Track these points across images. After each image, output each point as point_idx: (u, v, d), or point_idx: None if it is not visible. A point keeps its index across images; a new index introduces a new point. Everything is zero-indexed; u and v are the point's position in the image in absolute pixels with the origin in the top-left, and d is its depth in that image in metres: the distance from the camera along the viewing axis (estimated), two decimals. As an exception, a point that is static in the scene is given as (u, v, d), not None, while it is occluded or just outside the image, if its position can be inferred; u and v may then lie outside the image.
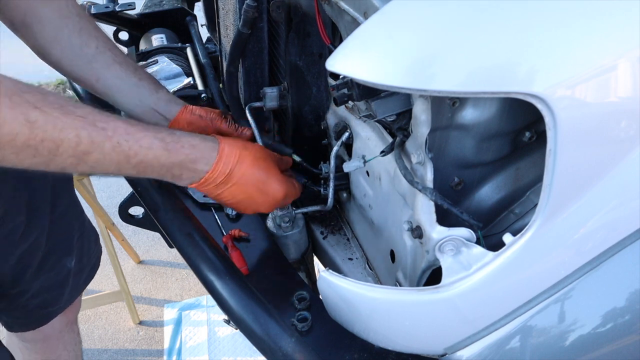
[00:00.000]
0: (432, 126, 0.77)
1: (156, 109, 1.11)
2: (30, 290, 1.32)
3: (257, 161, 0.95)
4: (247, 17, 1.10)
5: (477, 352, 0.80)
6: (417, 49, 0.63)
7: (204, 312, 2.27)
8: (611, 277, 0.75)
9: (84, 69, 1.07)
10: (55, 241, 1.34)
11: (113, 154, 0.81)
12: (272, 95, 1.18)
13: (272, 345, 0.83)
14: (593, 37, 0.62)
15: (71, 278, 1.41)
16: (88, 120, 0.78)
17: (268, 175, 0.96)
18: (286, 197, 0.99)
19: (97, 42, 1.06)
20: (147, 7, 1.79)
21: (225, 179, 0.92)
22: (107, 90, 1.09)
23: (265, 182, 0.96)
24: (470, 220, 0.77)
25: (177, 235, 0.99)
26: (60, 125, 0.75)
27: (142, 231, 2.52)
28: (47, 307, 1.41)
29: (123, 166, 0.83)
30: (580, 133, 0.65)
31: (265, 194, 0.96)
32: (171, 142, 0.87)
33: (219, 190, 0.94)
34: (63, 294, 1.41)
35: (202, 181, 0.92)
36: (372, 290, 0.82)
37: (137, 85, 1.09)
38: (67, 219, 1.37)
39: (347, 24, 0.92)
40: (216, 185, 0.93)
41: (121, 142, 0.81)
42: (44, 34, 1.03)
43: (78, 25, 1.05)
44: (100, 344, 2.21)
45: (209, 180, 0.92)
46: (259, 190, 0.96)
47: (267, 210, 1.00)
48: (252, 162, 0.94)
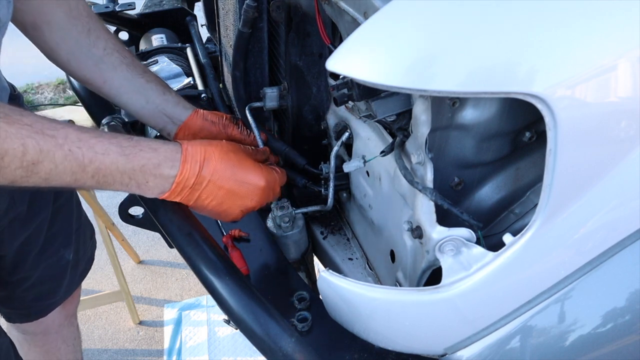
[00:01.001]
0: (432, 126, 0.77)
1: (163, 112, 1.09)
2: (29, 278, 1.34)
3: (226, 154, 0.91)
4: (247, 17, 1.10)
5: (477, 352, 0.80)
6: (417, 49, 0.63)
7: (204, 312, 2.27)
8: (611, 277, 0.75)
9: (92, 70, 1.06)
10: (55, 231, 1.35)
11: (66, 162, 0.76)
12: (272, 95, 1.18)
13: (272, 345, 0.83)
14: (593, 37, 0.62)
15: (69, 270, 1.42)
16: (34, 128, 0.73)
17: (242, 165, 0.92)
18: (269, 183, 0.95)
19: (105, 44, 1.05)
20: (147, 7, 1.79)
21: (197, 179, 0.88)
22: (114, 92, 1.08)
23: (241, 171, 0.91)
24: (471, 220, 0.77)
25: (177, 235, 0.99)
26: (2, 134, 0.70)
27: (142, 231, 2.52)
28: (45, 298, 1.42)
29: (80, 176, 0.78)
30: (580, 133, 0.65)
31: (246, 184, 0.92)
32: (129, 147, 0.83)
33: (196, 194, 0.89)
34: (61, 286, 1.43)
35: (174, 187, 0.87)
36: (372, 290, 0.82)
37: (144, 87, 1.08)
38: (66, 210, 1.39)
39: (347, 24, 0.92)
40: (190, 188, 0.88)
41: (73, 150, 0.77)
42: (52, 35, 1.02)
43: (87, 26, 1.04)
44: (100, 344, 2.21)
45: (180, 184, 0.87)
46: (237, 182, 0.91)
47: (255, 203, 0.95)
48: (220, 156, 0.90)
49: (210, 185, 0.89)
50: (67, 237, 1.40)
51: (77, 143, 0.77)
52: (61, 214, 1.37)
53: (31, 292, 1.37)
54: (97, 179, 0.80)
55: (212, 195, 0.90)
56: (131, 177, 0.83)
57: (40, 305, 1.44)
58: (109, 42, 1.06)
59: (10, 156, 0.71)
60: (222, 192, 0.91)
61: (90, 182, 0.80)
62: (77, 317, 1.64)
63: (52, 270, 1.38)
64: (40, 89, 3.86)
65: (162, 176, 0.86)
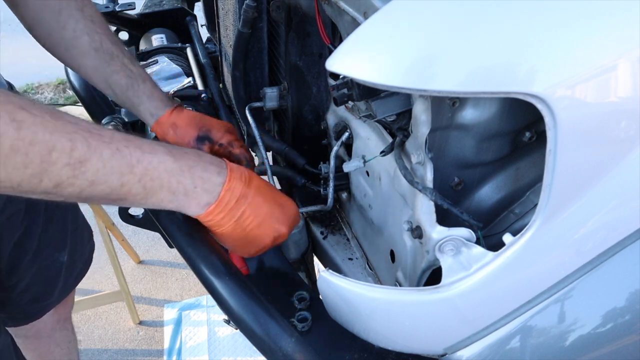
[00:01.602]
0: (432, 126, 0.77)
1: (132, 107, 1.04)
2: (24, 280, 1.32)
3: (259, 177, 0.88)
4: (247, 17, 1.10)
5: (477, 352, 0.80)
6: (417, 49, 0.63)
7: (204, 312, 2.27)
8: (611, 277, 0.75)
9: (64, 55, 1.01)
10: (50, 233, 1.34)
11: (114, 161, 0.71)
12: (272, 95, 1.18)
13: (272, 345, 0.83)
14: (593, 37, 0.62)
15: (63, 272, 1.41)
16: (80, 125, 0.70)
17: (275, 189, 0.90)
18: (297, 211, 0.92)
19: (75, 24, 0.98)
20: (147, 7, 1.79)
21: (243, 190, 0.83)
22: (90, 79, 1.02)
23: (277, 194, 0.89)
24: (470, 220, 0.77)
25: (177, 235, 0.99)
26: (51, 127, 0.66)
27: (142, 231, 2.52)
28: (39, 301, 1.41)
29: (127, 178, 0.73)
30: (580, 133, 0.65)
31: (283, 207, 0.88)
32: (174, 149, 0.79)
33: (240, 210, 0.83)
34: (55, 288, 1.42)
35: (222, 195, 0.81)
36: (372, 290, 0.82)
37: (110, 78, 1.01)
38: (61, 211, 1.37)
39: (347, 24, 0.92)
40: (236, 202, 0.82)
41: (121, 148, 0.72)
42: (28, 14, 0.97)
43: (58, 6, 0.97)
44: (100, 344, 2.21)
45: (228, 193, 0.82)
46: (277, 203, 0.87)
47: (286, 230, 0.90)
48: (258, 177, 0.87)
49: (256, 200, 0.84)
50: (62, 240, 1.39)
51: (124, 142, 0.73)
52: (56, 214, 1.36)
53: (25, 295, 1.36)
54: (144, 183, 0.75)
55: (255, 214, 0.85)
56: (179, 180, 0.78)
57: (33, 308, 1.42)
58: (79, 23, 0.98)
59: (59, 151, 0.66)
60: (264, 211, 0.85)
61: (137, 187, 0.74)
62: (77, 317, 1.64)
63: (47, 272, 1.37)
64: (41, 89, 3.86)
65: (210, 181, 0.80)
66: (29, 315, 1.43)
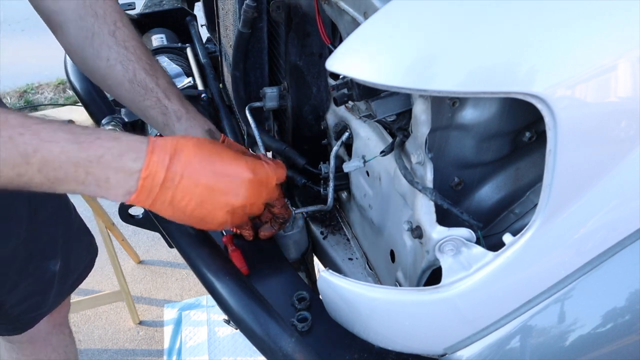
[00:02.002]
0: (432, 126, 0.77)
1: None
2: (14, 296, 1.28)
3: (202, 145, 0.78)
4: (247, 17, 1.10)
5: (477, 352, 0.80)
6: (417, 49, 0.63)
7: (204, 312, 2.27)
8: (611, 277, 0.75)
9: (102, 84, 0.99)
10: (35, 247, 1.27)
11: (6, 152, 0.64)
12: (272, 95, 1.18)
13: (272, 345, 0.83)
14: (593, 37, 0.62)
15: (56, 281, 1.36)
16: None
17: (220, 156, 0.78)
18: (257, 176, 0.81)
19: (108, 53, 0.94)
20: (147, 7, 1.79)
21: (167, 174, 0.73)
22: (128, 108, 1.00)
23: (220, 163, 0.78)
24: (471, 220, 0.77)
25: (177, 235, 0.99)
26: None
27: (142, 231, 2.51)
28: (31, 312, 1.37)
29: (24, 169, 0.66)
30: (580, 133, 0.65)
31: (227, 176, 0.78)
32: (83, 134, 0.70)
33: (169, 194, 0.75)
34: (48, 298, 1.37)
35: (141, 185, 0.72)
36: (372, 290, 0.82)
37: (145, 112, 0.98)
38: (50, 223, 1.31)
39: (347, 24, 0.92)
40: (161, 186, 0.74)
41: (14, 136, 0.64)
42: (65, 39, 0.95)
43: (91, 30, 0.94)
44: (100, 344, 2.21)
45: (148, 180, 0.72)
46: (216, 175, 0.77)
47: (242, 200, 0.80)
48: (194, 148, 0.76)
49: (185, 180, 0.75)
50: (51, 249, 1.32)
51: (19, 129, 0.65)
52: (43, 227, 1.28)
53: (16, 309, 1.31)
54: (45, 174, 0.67)
55: (189, 194, 0.76)
56: (87, 171, 0.69)
57: (26, 318, 1.38)
58: (112, 51, 0.94)
59: None
60: (199, 189, 0.76)
61: (39, 178, 0.67)
62: (77, 317, 1.61)
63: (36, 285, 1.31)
64: (40, 89, 3.86)
65: (124, 170, 0.71)
66: (21, 326, 1.39)
